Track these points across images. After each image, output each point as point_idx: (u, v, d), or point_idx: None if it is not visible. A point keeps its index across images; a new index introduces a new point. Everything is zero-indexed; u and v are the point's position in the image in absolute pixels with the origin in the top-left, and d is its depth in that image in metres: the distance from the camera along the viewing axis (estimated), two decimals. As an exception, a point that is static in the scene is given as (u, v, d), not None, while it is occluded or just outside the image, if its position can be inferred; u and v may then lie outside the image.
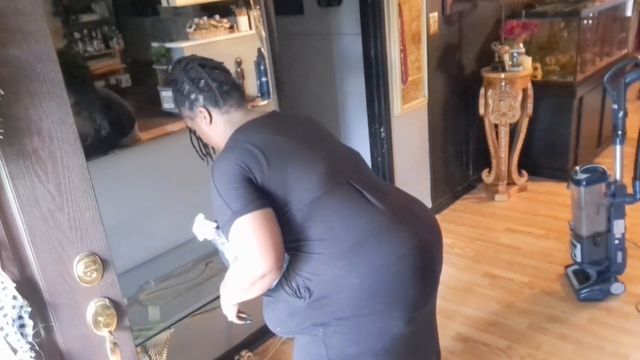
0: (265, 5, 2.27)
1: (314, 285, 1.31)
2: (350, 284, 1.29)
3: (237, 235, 1.22)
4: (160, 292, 1.87)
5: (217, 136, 1.45)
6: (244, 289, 1.31)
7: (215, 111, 1.43)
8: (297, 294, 1.33)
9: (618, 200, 2.48)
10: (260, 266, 1.21)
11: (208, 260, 2.04)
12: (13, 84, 0.84)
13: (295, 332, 1.47)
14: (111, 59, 1.90)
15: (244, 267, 1.25)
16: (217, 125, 1.44)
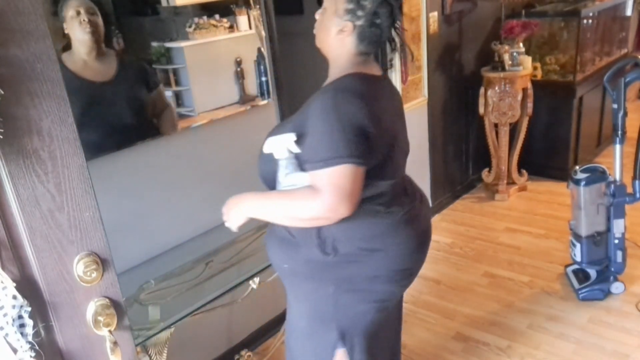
0: (265, 5, 2.27)
1: (344, 246, 1.38)
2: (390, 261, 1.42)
3: (336, 177, 1.25)
4: (160, 291, 1.87)
5: (335, 48, 1.43)
6: (298, 216, 1.33)
7: (355, 43, 1.40)
8: (322, 249, 1.38)
9: (618, 199, 2.48)
10: (334, 213, 1.27)
11: (208, 260, 2.04)
12: (13, 83, 0.84)
13: (303, 278, 1.48)
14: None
15: (317, 202, 1.27)
16: (345, 44, 1.41)
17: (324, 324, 1.50)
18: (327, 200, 1.26)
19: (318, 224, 1.35)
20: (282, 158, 1.33)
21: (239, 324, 2.46)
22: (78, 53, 1.73)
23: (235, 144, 2.30)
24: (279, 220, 1.40)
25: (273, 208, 1.38)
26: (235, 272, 1.96)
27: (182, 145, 2.09)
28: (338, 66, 1.44)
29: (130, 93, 1.94)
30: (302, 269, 1.46)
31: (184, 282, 1.91)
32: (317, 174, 1.27)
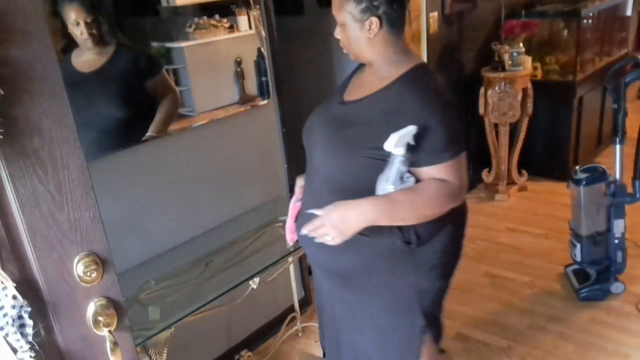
0: (265, 5, 2.27)
1: (423, 230, 1.41)
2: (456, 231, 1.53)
3: (462, 165, 1.37)
4: (160, 291, 1.87)
5: (369, 51, 1.42)
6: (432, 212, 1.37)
7: (386, 29, 1.38)
8: (405, 239, 1.40)
9: (618, 199, 2.48)
10: (460, 199, 1.42)
11: (208, 260, 2.04)
12: (13, 84, 0.84)
13: (381, 273, 1.48)
14: (111, 59, 1.90)
15: (454, 193, 1.36)
16: (375, 43, 1.40)
17: (409, 314, 1.52)
18: (457, 190, 1.36)
19: (437, 215, 1.39)
20: (399, 154, 1.30)
21: (239, 324, 2.46)
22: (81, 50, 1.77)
23: (235, 144, 2.30)
24: (403, 222, 1.38)
25: (406, 211, 1.35)
26: (235, 272, 1.96)
27: (182, 145, 2.09)
28: (388, 62, 1.42)
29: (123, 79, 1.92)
30: (381, 265, 1.46)
31: (184, 282, 1.91)
32: (446, 165, 1.34)
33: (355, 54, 1.46)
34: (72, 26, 1.71)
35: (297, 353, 2.51)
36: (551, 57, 3.85)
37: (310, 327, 2.65)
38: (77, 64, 1.78)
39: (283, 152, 2.50)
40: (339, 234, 1.33)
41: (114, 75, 1.88)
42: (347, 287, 1.56)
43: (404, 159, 1.31)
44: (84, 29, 1.72)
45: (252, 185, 2.40)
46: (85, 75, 1.81)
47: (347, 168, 1.41)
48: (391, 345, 1.58)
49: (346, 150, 1.39)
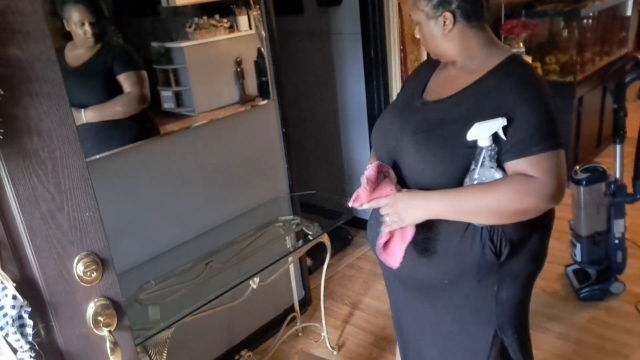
0: (265, 5, 2.27)
1: (514, 241, 1.31)
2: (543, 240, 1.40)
3: (553, 163, 1.22)
4: (160, 292, 1.88)
5: (449, 48, 1.35)
6: (507, 209, 1.22)
7: (462, 23, 1.32)
8: (495, 251, 1.30)
9: (618, 199, 2.48)
10: (552, 202, 1.23)
11: (208, 260, 2.04)
12: (13, 83, 0.84)
13: (464, 286, 1.38)
14: (111, 59, 1.90)
15: (540, 190, 1.20)
16: (453, 38, 1.33)
17: (482, 324, 1.45)
18: (547, 187, 1.20)
19: (521, 219, 1.26)
20: (484, 146, 1.22)
21: (239, 324, 2.46)
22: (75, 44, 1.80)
23: (235, 144, 2.30)
24: (474, 218, 1.27)
25: (474, 204, 1.23)
26: (235, 272, 1.96)
27: (182, 145, 2.09)
28: (474, 55, 1.35)
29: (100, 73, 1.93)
30: (469, 278, 1.36)
31: (184, 282, 1.91)
32: (534, 159, 1.21)
33: (435, 52, 1.41)
34: (76, 26, 1.74)
35: (297, 353, 2.51)
36: (551, 57, 3.85)
37: (310, 327, 2.65)
38: (68, 58, 1.81)
39: (283, 152, 2.50)
40: (400, 220, 1.29)
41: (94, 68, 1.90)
42: (422, 296, 1.49)
43: (490, 152, 1.22)
44: (88, 30, 1.77)
45: (252, 185, 2.40)
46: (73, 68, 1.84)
47: (435, 167, 1.31)
48: (458, 353, 1.52)
49: (443, 151, 1.29)
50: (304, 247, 2.16)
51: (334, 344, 2.52)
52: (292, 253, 2.17)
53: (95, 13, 1.78)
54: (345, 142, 3.57)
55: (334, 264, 3.19)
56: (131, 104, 1.97)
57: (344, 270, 3.15)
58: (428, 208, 1.27)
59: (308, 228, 2.23)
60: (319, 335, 2.56)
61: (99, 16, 1.80)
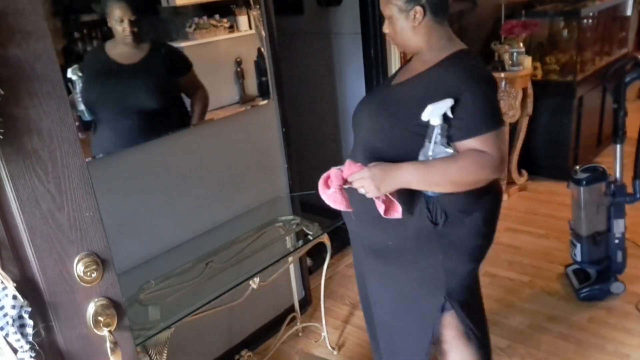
0: (265, 5, 2.27)
1: (451, 212, 1.49)
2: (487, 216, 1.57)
3: (499, 139, 1.42)
4: (160, 292, 1.88)
5: (415, 39, 1.52)
6: (464, 180, 1.41)
7: (430, 17, 1.49)
8: (432, 219, 1.49)
9: (618, 199, 2.48)
10: (497, 174, 1.43)
11: (208, 260, 2.04)
12: (13, 83, 0.84)
13: (410, 251, 1.58)
14: (111, 59, 1.90)
15: (489, 163, 1.39)
16: (419, 30, 1.50)
17: (432, 289, 1.61)
18: (496, 160, 1.39)
19: (473, 187, 1.44)
20: (436, 125, 1.39)
21: (239, 324, 2.46)
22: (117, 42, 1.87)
23: (235, 144, 2.30)
24: (438, 187, 1.44)
25: (440, 176, 1.41)
26: (235, 272, 1.96)
27: (182, 145, 2.09)
28: (432, 48, 1.52)
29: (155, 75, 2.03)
30: (411, 242, 1.55)
31: (184, 282, 1.91)
32: (484, 138, 1.39)
33: (402, 45, 1.59)
34: (116, 22, 1.83)
35: (297, 353, 2.51)
36: (551, 57, 3.85)
37: (310, 327, 2.65)
38: (113, 55, 1.88)
39: (283, 152, 2.50)
40: (375, 189, 1.42)
41: (151, 70, 2.00)
42: (379, 258, 1.67)
43: (441, 130, 1.39)
44: (127, 27, 1.83)
45: (252, 185, 2.40)
46: (124, 66, 1.93)
47: (391, 142, 1.50)
48: (409, 315, 1.68)
49: (390, 125, 1.50)
50: (304, 247, 2.16)
51: (334, 344, 2.52)
52: (292, 253, 2.17)
53: (136, 12, 1.84)
54: (345, 142, 3.57)
55: (334, 264, 3.19)
56: (208, 98, 2.14)
57: (344, 270, 3.15)
58: (400, 178, 1.42)
59: (308, 228, 2.23)
60: (319, 335, 2.56)
61: (139, 15, 1.86)
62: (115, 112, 1.91)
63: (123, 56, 1.91)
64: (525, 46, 3.58)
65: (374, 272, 1.74)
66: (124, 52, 1.90)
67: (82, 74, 1.75)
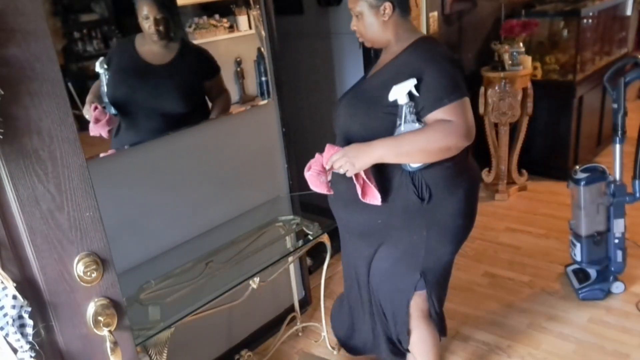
0: (265, 5, 2.27)
1: (435, 188, 1.60)
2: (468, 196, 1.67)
3: (463, 108, 1.53)
4: (160, 292, 1.88)
5: (384, 33, 1.65)
6: (435, 147, 1.51)
7: (398, 13, 1.63)
8: (419, 195, 1.60)
9: (618, 199, 2.48)
10: (465, 140, 1.52)
11: (208, 260, 2.04)
12: (13, 83, 0.84)
13: (398, 227, 1.68)
14: (111, 59, 1.90)
15: (454, 130, 1.50)
16: (388, 25, 1.64)
17: (410, 266, 1.74)
18: (462, 126, 1.50)
19: (447, 155, 1.54)
20: (403, 104, 1.51)
21: (239, 324, 2.46)
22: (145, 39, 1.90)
23: (235, 144, 2.30)
24: (410, 158, 1.55)
25: (410, 146, 1.51)
26: (235, 272, 1.96)
27: (182, 145, 2.09)
28: (398, 40, 1.66)
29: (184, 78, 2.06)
30: (398, 219, 1.65)
31: (184, 282, 1.91)
32: (447, 108, 1.50)
33: (372, 40, 1.69)
34: (142, 19, 1.86)
35: (297, 353, 2.51)
36: (551, 57, 3.85)
37: (310, 327, 2.65)
38: (142, 52, 1.91)
39: (283, 152, 2.50)
40: (351, 166, 1.55)
41: (180, 72, 2.03)
42: (365, 240, 1.78)
43: (409, 108, 1.51)
44: (152, 24, 1.86)
45: (252, 185, 2.40)
46: (152, 66, 1.95)
47: (367, 125, 1.61)
48: (389, 289, 1.82)
49: (365, 110, 1.63)
50: (304, 247, 2.16)
51: (334, 343, 2.52)
52: (292, 253, 2.17)
53: (162, 10, 1.86)
54: (345, 142, 3.56)
55: (334, 264, 3.19)
56: (230, 104, 2.19)
57: (344, 270, 3.15)
58: (372, 153, 1.54)
59: (308, 228, 2.23)
60: (319, 335, 2.56)
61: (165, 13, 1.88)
62: (137, 109, 1.92)
63: (152, 55, 1.93)
64: (525, 46, 3.58)
65: (361, 256, 1.84)
66: (154, 50, 1.93)
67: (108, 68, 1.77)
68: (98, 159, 1.83)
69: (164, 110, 1.98)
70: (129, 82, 1.89)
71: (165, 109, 1.98)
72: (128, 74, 1.89)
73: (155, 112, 1.97)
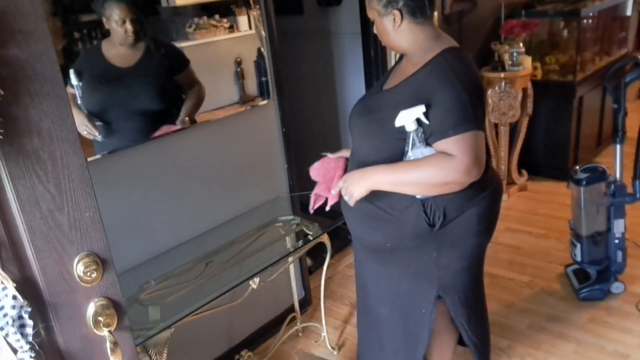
0: (265, 5, 2.27)
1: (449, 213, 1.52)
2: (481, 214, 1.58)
3: (469, 141, 1.39)
4: (160, 292, 1.88)
5: (399, 41, 1.57)
6: (431, 182, 1.43)
7: (409, 19, 1.52)
8: (429, 222, 1.52)
9: (618, 199, 2.48)
10: (467, 176, 1.40)
11: (208, 260, 2.04)
12: (13, 83, 0.84)
13: (407, 250, 1.62)
14: (111, 59, 1.90)
15: (453, 166, 1.39)
16: (402, 33, 1.54)
17: (426, 285, 1.66)
18: (462, 163, 1.38)
19: (446, 190, 1.45)
20: (411, 130, 1.44)
21: (239, 324, 2.46)
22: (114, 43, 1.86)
23: (235, 144, 2.30)
24: (406, 189, 1.49)
25: (405, 177, 1.46)
26: (235, 272, 1.96)
27: (182, 145, 2.09)
28: (419, 48, 1.54)
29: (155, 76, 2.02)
30: (408, 243, 1.59)
31: (184, 282, 1.91)
32: (451, 140, 1.39)
33: (390, 45, 1.62)
34: (116, 24, 1.81)
35: (297, 353, 2.51)
36: (551, 57, 3.85)
37: (310, 327, 2.65)
38: (110, 57, 1.87)
39: (283, 152, 2.50)
40: (350, 195, 1.54)
41: (149, 71, 1.99)
42: (376, 257, 1.72)
43: (418, 134, 1.44)
44: (129, 27, 1.83)
45: (252, 185, 2.40)
46: (122, 70, 1.91)
47: (378, 149, 1.55)
48: (408, 310, 1.73)
49: (377, 132, 1.55)
50: (304, 247, 2.16)
51: (334, 344, 2.52)
52: (292, 253, 2.17)
53: (136, 11, 1.83)
54: (345, 141, 3.57)
55: (334, 264, 3.19)
56: (203, 94, 2.10)
57: (344, 270, 3.15)
58: (368, 179, 1.51)
59: (308, 228, 2.23)
60: (319, 335, 2.56)
61: (139, 14, 1.85)
62: (116, 114, 1.90)
63: (120, 58, 1.89)
64: (525, 46, 3.58)
65: (371, 271, 1.79)
66: (121, 53, 1.88)
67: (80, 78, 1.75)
68: (98, 159, 1.83)
69: (143, 110, 1.96)
70: (102, 89, 1.87)
71: (143, 108, 1.96)
72: (100, 81, 1.86)
73: (135, 113, 1.95)
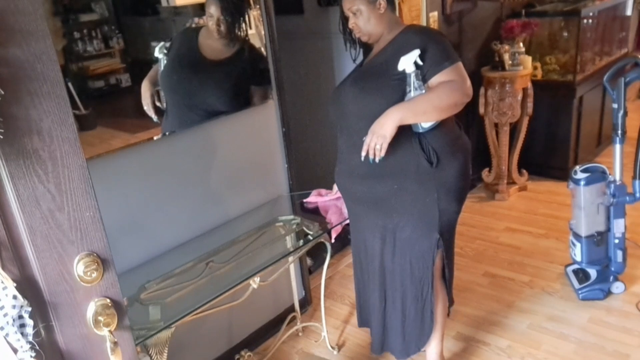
0: (265, 5, 2.27)
1: (440, 152, 1.81)
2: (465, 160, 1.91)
3: (460, 71, 1.77)
4: (160, 292, 1.87)
5: (379, 25, 1.86)
6: (446, 104, 1.73)
7: (389, 7, 1.86)
8: (428, 159, 1.80)
9: (618, 199, 2.48)
10: (469, 95, 1.76)
11: (208, 260, 2.04)
12: (13, 83, 0.84)
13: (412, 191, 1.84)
14: (111, 59, 1.90)
15: (460, 87, 1.74)
16: (383, 17, 1.85)
17: (430, 228, 1.88)
18: (464, 84, 1.75)
19: (455, 110, 1.77)
20: (411, 71, 1.72)
21: (239, 324, 2.46)
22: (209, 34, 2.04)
23: (235, 144, 2.30)
24: (426, 116, 1.74)
25: (424, 106, 1.72)
26: (236, 272, 1.96)
27: (182, 146, 2.09)
28: (390, 30, 1.87)
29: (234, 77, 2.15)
30: (412, 183, 1.82)
31: (184, 282, 1.91)
32: (448, 70, 1.74)
33: (370, 33, 1.87)
34: (207, 16, 2.02)
35: (297, 353, 2.51)
36: (551, 57, 3.85)
37: (310, 327, 2.65)
38: (202, 45, 2.02)
39: (283, 152, 2.50)
40: (382, 138, 1.71)
41: (231, 72, 2.13)
42: (380, 210, 1.91)
43: (415, 74, 1.73)
44: (214, 23, 2.02)
45: (253, 185, 2.40)
46: (207, 61, 2.04)
47: (378, 95, 1.79)
48: (413, 255, 1.93)
49: (373, 81, 1.82)
50: (304, 247, 2.16)
51: (334, 344, 2.52)
52: (292, 253, 2.17)
53: (223, 12, 1.98)
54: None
55: (334, 264, 3.19)
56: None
57: (344, 270, 3.15)
58: (393, 117, 1.71)
59: (308, 228, 2.23)
60: (319, 335, 2.56)
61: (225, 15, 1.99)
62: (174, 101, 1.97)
63: (212, 50, 2.02)
64: (525, 46, 3.58)
65: (375, 227, 1.96)
66: (213, 46, 2.01)
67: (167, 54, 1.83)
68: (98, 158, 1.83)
69: (203, 106, 2.05)
70: (180, 72, 1.96)
71: (204, 104, 2.05)
72: (182, 63, 1.96)
73: (194, 106, 2.04)
